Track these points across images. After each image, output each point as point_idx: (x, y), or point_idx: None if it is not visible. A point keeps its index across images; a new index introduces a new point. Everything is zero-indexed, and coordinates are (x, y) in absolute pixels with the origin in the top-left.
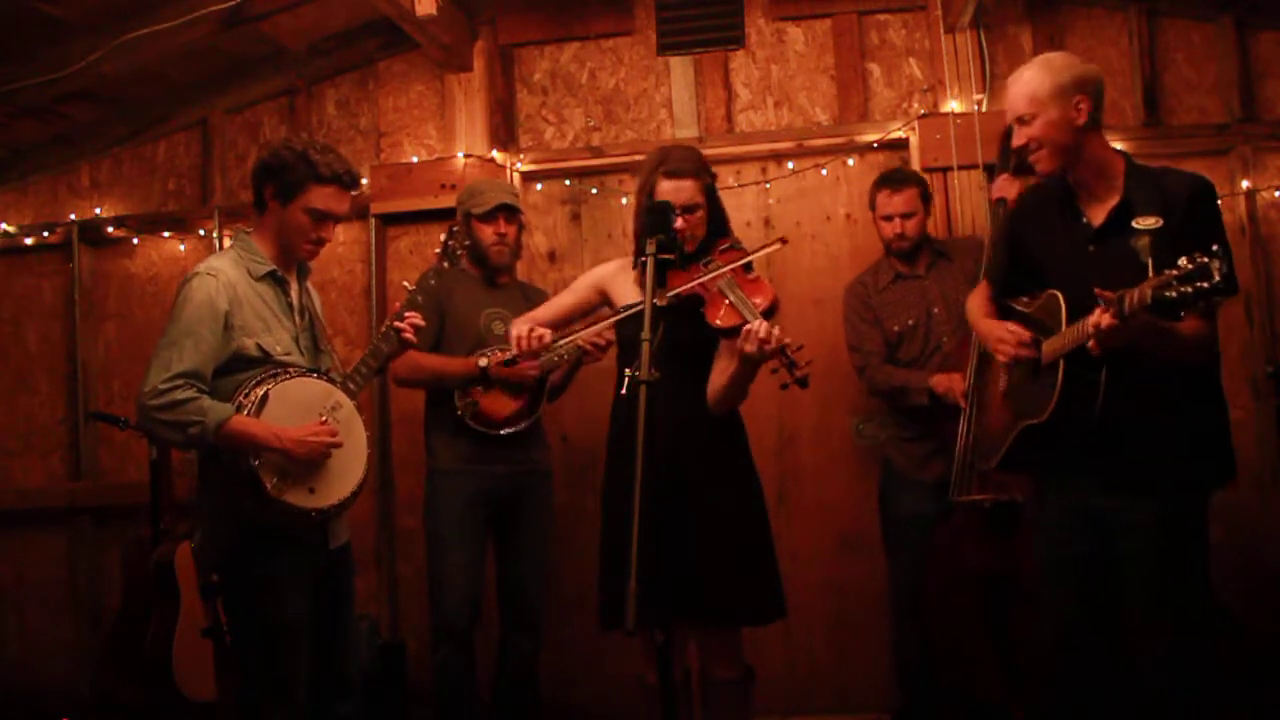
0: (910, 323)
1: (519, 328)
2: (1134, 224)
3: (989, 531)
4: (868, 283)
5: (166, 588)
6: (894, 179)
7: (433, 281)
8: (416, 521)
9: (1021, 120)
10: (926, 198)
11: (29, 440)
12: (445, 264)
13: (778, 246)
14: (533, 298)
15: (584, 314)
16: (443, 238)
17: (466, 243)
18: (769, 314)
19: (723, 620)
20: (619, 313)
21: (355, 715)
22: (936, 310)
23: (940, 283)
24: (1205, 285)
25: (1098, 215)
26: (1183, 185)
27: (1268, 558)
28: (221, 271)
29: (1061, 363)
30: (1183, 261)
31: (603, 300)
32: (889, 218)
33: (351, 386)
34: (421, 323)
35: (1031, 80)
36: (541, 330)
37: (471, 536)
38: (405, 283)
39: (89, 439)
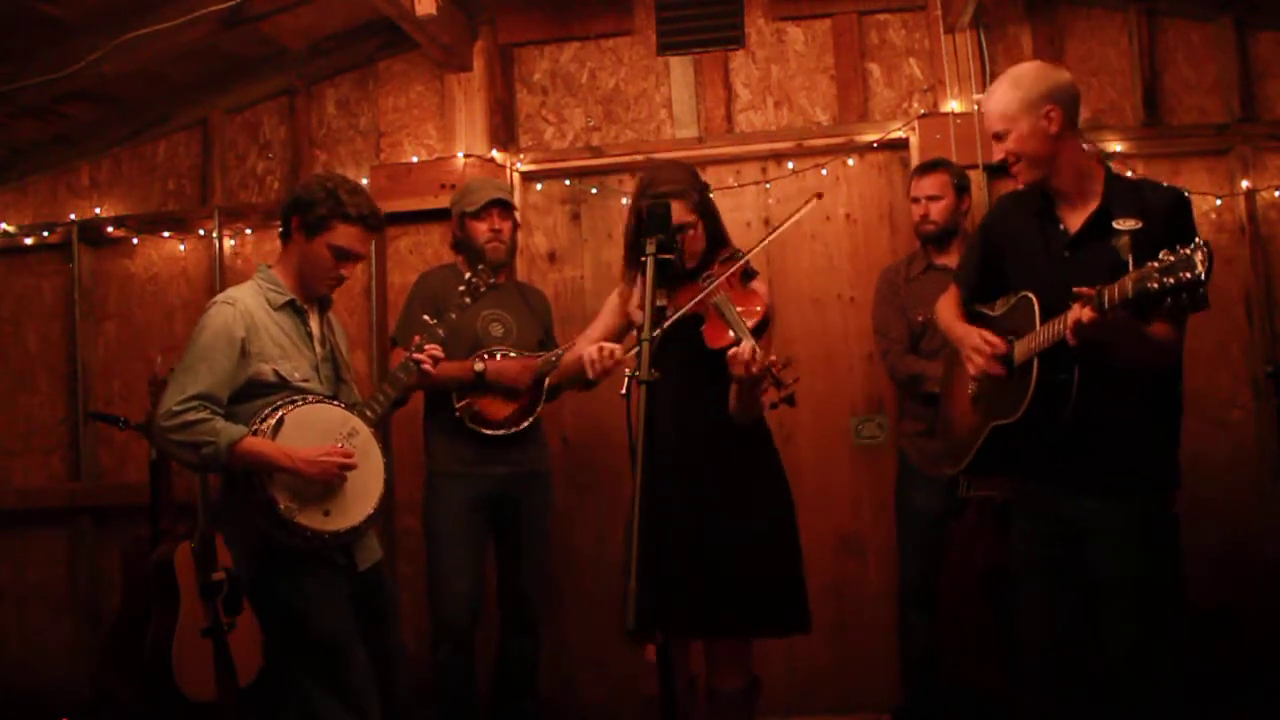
0: (934, 314)
1: (589, 350)
2: (1114, 224)
3: (998, 526)
4: (900, 270)
5: (166, 588)
6: (925, 164)
7: (454, 316)
8: (416, 522)
9: (997, 136)
10: (960, 186)
11: (29, 440)
12: (468, 300)
13: (813, 204)
14: (530, 298)
15: (623, 334)
16: (467, 275)
17: (492, 281)
18: (760, 328)
19: (731, 632)
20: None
21: None
22: None
23: None
24: (1189, 275)
25: (1075, 221)
26: (1161, 196)
27: (1267, 557)
28: (239, 300)
29: (1036, 361)
30: (1163, 255)
31: (628, 320)
32: (916, 200)
33: (369, 414)
34: (441, 355)
35: (1001, 97)
36: (611, 347)
37: (471, 538)
38: (426, 317)
39: (89, 439)
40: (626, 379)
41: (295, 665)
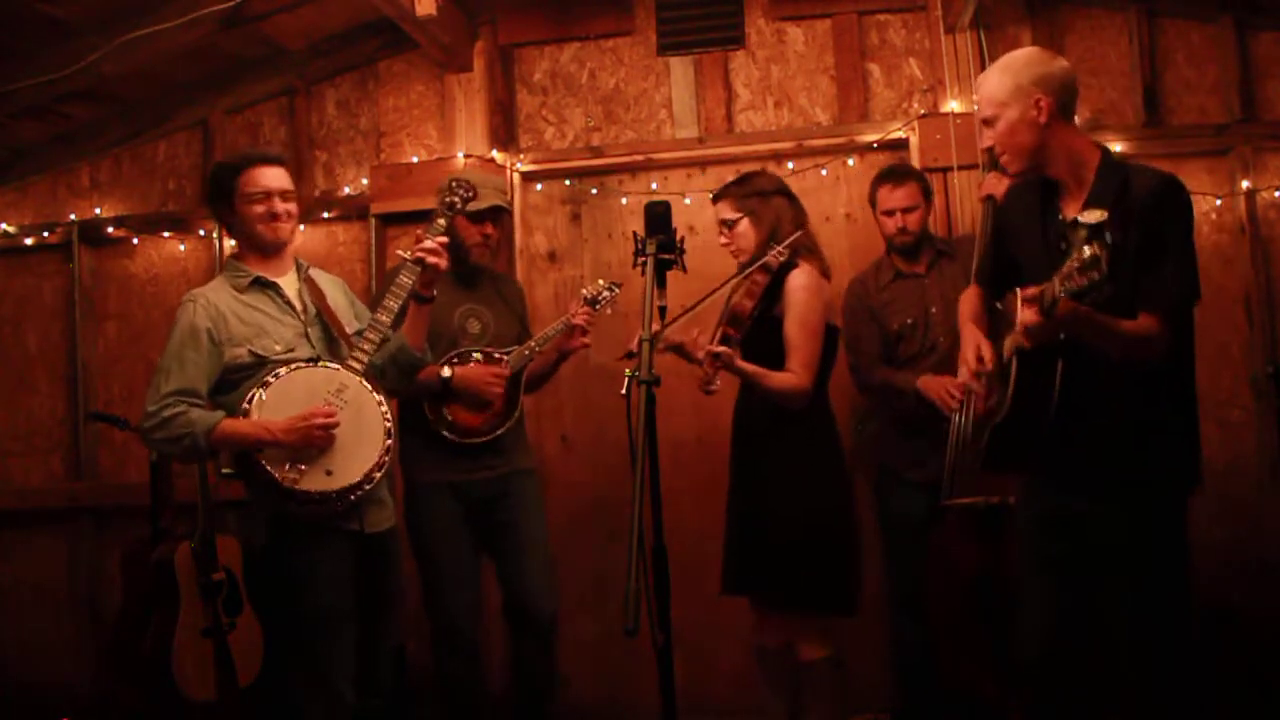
0: (909, 321)
1: (703, 350)
2: (1079, 217)
3: (981, 533)
4: (868, 281)
5: (166, 588)
6: (895, 174)
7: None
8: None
9: (986, 122)
10: (928, 193)
11: (29, 440)
12: (440, 221)
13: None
14: (504, 290)
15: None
16: (441, 196)
17: (465, 192)
18: (733, 317)
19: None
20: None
21: (382, 711)
22: (934, 310)
23: (940, 282)
24: (1096, 276)
25: (1071, 211)
26: (1147, 182)
27: (1268, 556)
28: (200, 295)
29: (1015, 359)
30: (1087, 250)
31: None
32: (890, 213)
33: (355, 365)
34: (443, 245)
35: (991, 83)
36: (723, 348)
37: (461, 547)
38: (400, 250)
39: (89, 439)
40: (627, 379)
41: (280, 634)
